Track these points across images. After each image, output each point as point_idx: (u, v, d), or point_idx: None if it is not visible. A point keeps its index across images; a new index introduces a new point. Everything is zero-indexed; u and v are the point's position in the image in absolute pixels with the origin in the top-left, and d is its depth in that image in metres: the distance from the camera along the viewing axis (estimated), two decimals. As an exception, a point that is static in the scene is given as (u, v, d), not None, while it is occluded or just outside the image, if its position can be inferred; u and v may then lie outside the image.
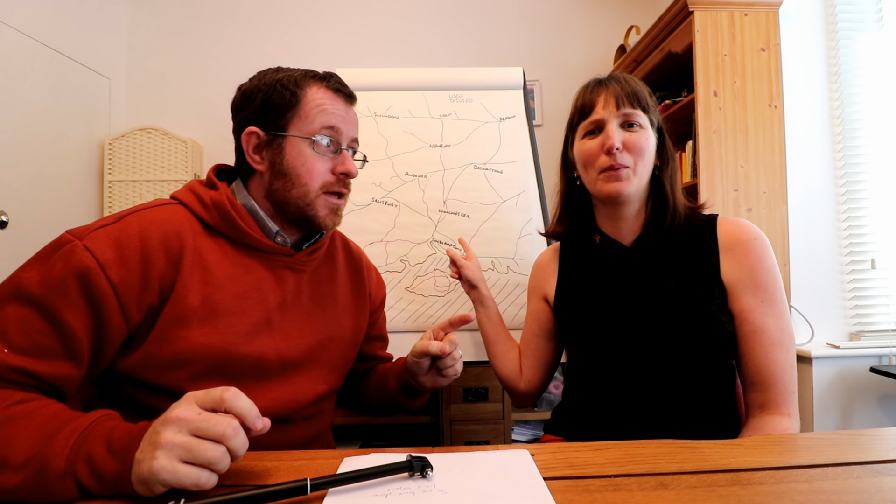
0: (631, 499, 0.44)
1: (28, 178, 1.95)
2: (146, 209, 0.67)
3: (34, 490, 0.44)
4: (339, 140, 0.74)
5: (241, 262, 0.70)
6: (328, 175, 0.73)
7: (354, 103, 0.78)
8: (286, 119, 0.72)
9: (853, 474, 0.48)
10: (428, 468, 0.48)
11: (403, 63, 2.53)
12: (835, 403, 1.65)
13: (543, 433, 0.95)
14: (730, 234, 0.80)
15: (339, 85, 0.75)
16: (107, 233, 0.60)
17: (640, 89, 0.82)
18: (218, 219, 0.69)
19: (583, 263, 0.90)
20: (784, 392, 0.73)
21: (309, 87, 0.73)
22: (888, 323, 1.70)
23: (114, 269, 0.58)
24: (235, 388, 0.47)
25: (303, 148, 0.71)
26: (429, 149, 1.46)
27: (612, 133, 0.79)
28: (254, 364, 0.68)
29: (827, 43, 1.77)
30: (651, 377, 0.77)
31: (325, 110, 0.72)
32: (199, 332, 0.63)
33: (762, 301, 0.75)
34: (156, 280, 0.62)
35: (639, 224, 0.86)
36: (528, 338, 0.98)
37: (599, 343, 0.81)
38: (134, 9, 2.50)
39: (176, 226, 0.66)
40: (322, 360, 0.77)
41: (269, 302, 0.71)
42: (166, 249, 0.63)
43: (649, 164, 0.82)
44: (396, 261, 1.37)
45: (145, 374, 0.62)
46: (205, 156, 2.47)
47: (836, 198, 1.75)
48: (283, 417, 0.70)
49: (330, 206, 0.74)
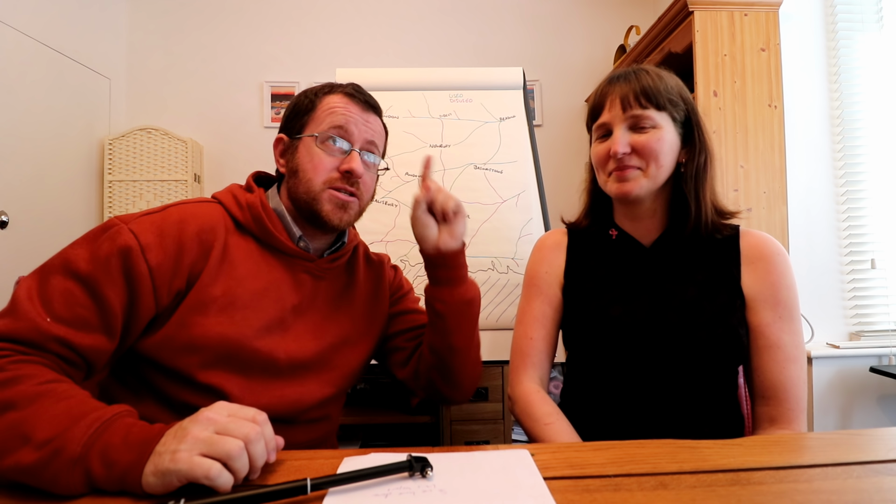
0: (631, 499, 0.44)
1: (28, 178, 1.95)
2: (188, 203, 0.72)
3: (44, 473, 0.45)
4: (349, 140, 0.76)
5: (264, 261, 0.73)
6: (333, 172, 0.75)
7: (373, 111, 0.80)
8: (303, 123, 0.77)
9: (853, 474, 0.48)
10: (428, 468, 0.48)
11: (403, 63, 2.53)
12: (835, 403, 1.65)
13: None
14: (753, 247, 0.80)
15: (355, 91, 0.79)
16: (150, 220, 0.65)
17: (653, 85, 0.78)
18: (250, 219, 0.73)
19: (595, 257, 0.88)
20: (796, 408, 0.74)
21: (326, 95, 0.78)
22: (888, 323, 1.70)
23: (153, 252, 0.63)
24: (266, 415, 0.50)
25: (312, 146, 0.75)
26: (429, 149, 1.46)
27: (618, 139, 0.78)
28: (263, 360, 0.70)
29: (827, 43, 1.77)
30: (659, 380, 0.77)
31: (336, 112, 0.76)
32: (216, 321, 0.66)
33: (780, 317, 0.76)
34: (186, 267, 0.66)
35: (659, 224, 0.84)
36: (534, 327, 0.87)
37: (613, 343, 0.79)
38: (134, 9, 2.50)
39: (212, 221, 0.71)
40: (332, 364, 0.78)
41: (286, 303, 0.74)
42: (200, 240, 0.68)
43: (666, 163, 0.79)
44: (396, 261, 1.37)
45: (160, 356, 0.65)
46: (205, 156, 2.47)
47: (836, 198, 1.75)
48: (287, 418, 0.72)
49: (335, 201, 0.75)
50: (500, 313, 1.34)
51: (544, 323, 0.87)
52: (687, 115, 0.81)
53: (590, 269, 0.87)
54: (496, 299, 1.34)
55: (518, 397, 0.83)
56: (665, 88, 0.79)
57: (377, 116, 0.81)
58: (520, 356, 0.87)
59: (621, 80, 0.80)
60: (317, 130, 0.75)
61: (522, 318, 0.89)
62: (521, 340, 0.87)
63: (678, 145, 0.81)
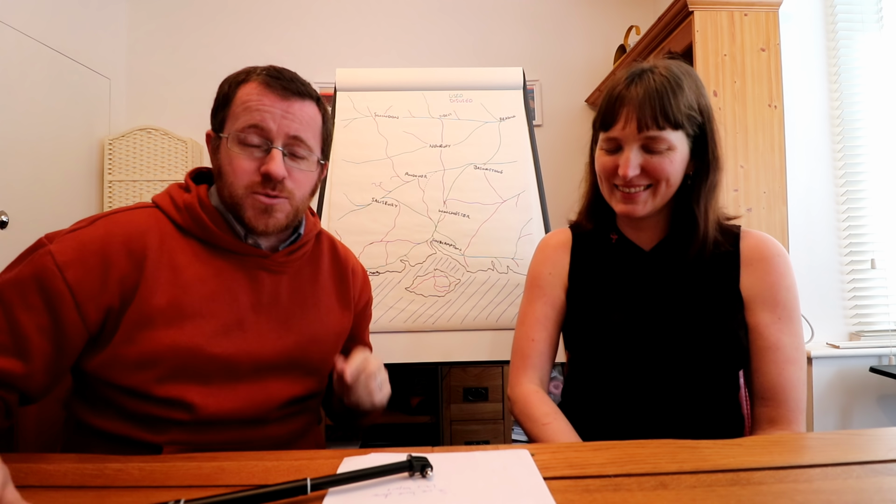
0: (631, 499, 0.44)
1: (28, 178, 1.95)
2: (119, 212, 0.69)
3: None
4: (267, 137, 0.68)
5: (212, 263, 0.70)
6: (254, 175, 0.68)
7: (297, 97, 0.70)
8: (220, 119, 0.72)
9: (853, 474, 0.48)
10: (428, 468, 0.48)
11: (403, 63, 2.53)
12: (834, 403, 1.65)
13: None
14: (753, 248, 0.79)
15: (271, 76, 0.70)
16: (74, 236, 0.63)
17: (674, 101, 0.72)
18: (189, 221, 0.70)
19: (597, 260, 0.87)
20: (795, 409, 0.73)
21: (242, 85, 0.70)
22: (888, 323, 1.70)
23: (71, 270, 0.61)
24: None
25: (230, 147, 0.69)
26: (429, 149, 1.46)
27: (629, 161, 0.74)
28: (223, 365, 0.67)
29: (827, 43, 1.77)
30: (660, 383, 0.77)
31: (251, 107, 0.68)
32: (165, 334, 0.64)
33: (779, 318, 0.75)
34: (115, 281, 0.63)
35: (660, 230, 0.84)
36: (536, 328, 0.87)
37: (614, 347, 0.79)
38: (134, 9, 2.50)
39: (142, 228, 0.67)
40: (300, 362, 0.75)
41: (241, 303, 0.70)
42: (129, 251, 0.65)
43: (674, 182, 0.76)
44: (396, 261, 1.37)
45: (112, 375, 0.63)
46: (205, 156, 2.47)
47: (836, 198, 1.75)
48: (256, 418, 0.70)
49: (258, 206, 0.69)
50: (500, 313, 1.34)
51: (546, 325, 0.86)
52: (702, 126, 0.76)
53: (592, 273, 0.87)
54: (496, 299, 1.34)
55: (517, 398, 0.82)
56: (686, 102, 0.73)
57: (304, 101, 0.71)
58: (521, 357, 0.86)
59: (639, 88, 0.73)
60: (232, 129, 0.69)
61: (524, 319, 0.88)
62: (522, 342, 0.87)
63: (688, 158, 0.77)
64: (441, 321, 1.33)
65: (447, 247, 1.37)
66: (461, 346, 1.33)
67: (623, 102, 0.74)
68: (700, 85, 0.77)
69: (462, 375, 1.75)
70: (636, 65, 0.78)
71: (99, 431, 0.65)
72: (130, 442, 0.64)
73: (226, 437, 0.68)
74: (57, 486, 0.49)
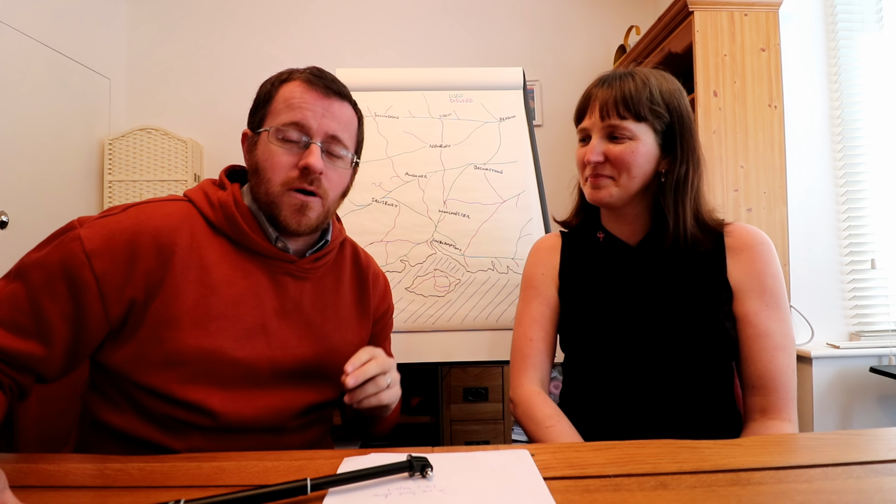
0: (631, 499, 0.44)
1: (28, 178, 1.95)
2: (151, 203, 0.68)
3: None
4: (307, 133, 0.69)
5: (240, 265, 0.69)
6: (292, 170, 0.68)
7: (337, 96, 0.72)
8: (261, 116, 0.72)
9: (853, 474, 0.48)
10: (428, 468, 0.48)
11: (403, 63, 2.52)
12: (835, 403, 1.65)
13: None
14: (737, 238, 0.80)
15: (314, 76, 0.72)
16: (104, 223, 0.63)
17: (635, 94, 0.77)
18: (222, 219, 0.69)
19: (585, 259, 0.89)
20: (786, 397, 0.73)
21: (285, 84, 0.72)
22: (888, 323, 1.70)
23: (99, 259, 0.60)
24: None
25: (269, 143, 0.69)
26: (429, 149, 1.46)
27: (592, 147, 0.81)
28: (244, 370, 0.67)
29: (827, 43, 1.77)
30: (653, 378, 0.77)
31: (293, 105, 0.69)
32: (190, 335, 0.63)
33: (767, 305, 0.76)
34: (141, 275, 0.62)
35: (643, 226, 0.85)
36: (533, 328, 0.88)
37: (605, 343, 0.80)
38: (134, 8, 2.50)
39: (173, 223, 0.66)
40: (317, 371, 0.74)
41: (266, 308, 0.70)
42: (158, 246, 0.64)
43: (639, 174, 0.79)
44: (396, 261, 1.37)
45: (135, 372, 0.63)
46: (205, 156, 2.47)
47: (836, 198, 1.75)
48: (273, 426, 0.69)
49: (294, 205, 0.69)
50: (500, 313, 1.34)
51: (543, 324, 0.87)
52: (670, 124, 0.80)
53: (582, 271, 0.89)
54: (496, 299, 1.34)
55: (519, 400, 0.82)
56: (649, 97, 0.78)
57: (343, 102, 0.73)
58: (520, 358, 0.87)
59: (605, 85, 0.81)
60: (273, 124, 0.69)
61: (521, 320, 0.89)
62: (520, 342, 0.88)
63: (657, 155, 0.80)
64: (441, 321, 1.33)
65: (447, 247, 1.37)
66: (461, 346, 1.33)
67: (593, 98, 0.82)
68: (677, 90, 0.82)
69: (462, 375, 1.75)
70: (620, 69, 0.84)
71: (116, 431, 0.64)
72: (149, 445, 0.63)
73: (243, 444, 0.65)
74: (57, 486, 0.49)
